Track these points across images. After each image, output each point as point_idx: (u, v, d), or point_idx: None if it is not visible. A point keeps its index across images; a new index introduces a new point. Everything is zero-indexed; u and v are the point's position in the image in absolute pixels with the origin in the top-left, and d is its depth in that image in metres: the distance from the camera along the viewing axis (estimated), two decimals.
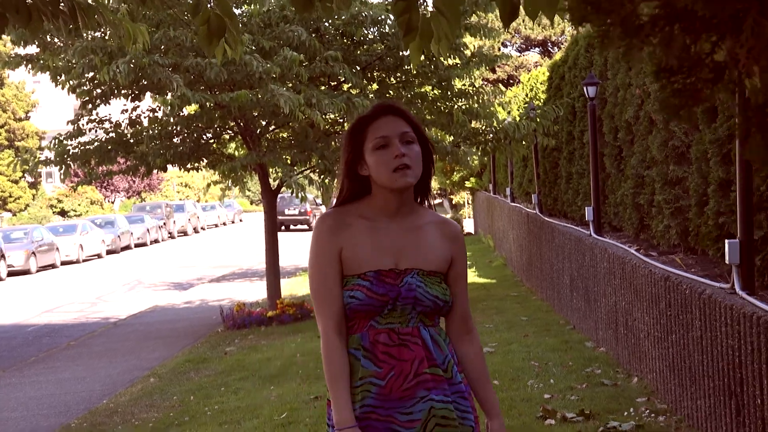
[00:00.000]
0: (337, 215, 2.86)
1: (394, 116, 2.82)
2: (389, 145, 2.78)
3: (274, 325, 13.05)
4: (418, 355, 2.77)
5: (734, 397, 5.24)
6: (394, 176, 2.76)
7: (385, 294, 2.78)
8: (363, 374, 2.77)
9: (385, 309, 2.78)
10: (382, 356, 2.77)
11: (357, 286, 2.79)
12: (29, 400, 9.40)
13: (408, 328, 2.79)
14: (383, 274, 2.80)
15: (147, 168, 12.99)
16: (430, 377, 2.76)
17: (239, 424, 7.17)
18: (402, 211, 2.85)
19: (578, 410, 6.44)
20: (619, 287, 8.18)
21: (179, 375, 9.90)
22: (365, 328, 2.79)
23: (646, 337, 7.25)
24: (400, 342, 2.78)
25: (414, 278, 2.81)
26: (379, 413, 2.75)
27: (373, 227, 2.84)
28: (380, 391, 2.75)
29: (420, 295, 2.79)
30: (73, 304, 19.76)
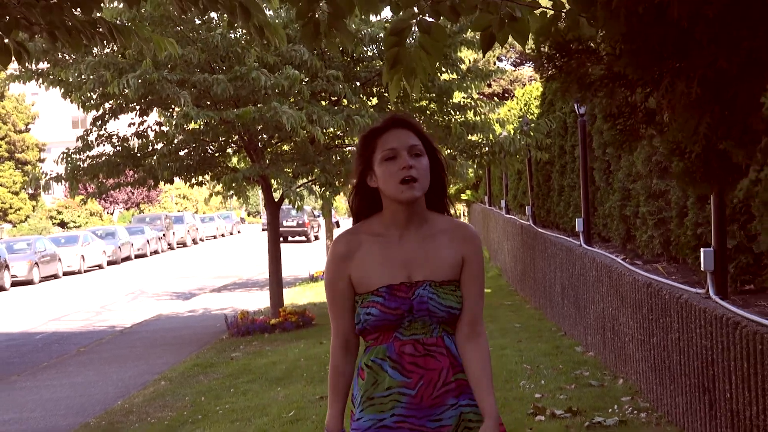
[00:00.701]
0: (349, 239, 2.95)
1: (403, 129, 2.87)
2: (397, 157, 2.82)
3: (277, 332, 13.53)
4: (444, 365, 2.85)
5: (707, 392, 5.72)
6: (401, 188, 2.81)
7: (398, 308, 2.85)
8: (391, 384, 2.84)
9: (404, 321, 2.86)
10: (409, 366, 2.84)
11: (371, 303, 2.86)
12: (46, 402, 9.86)
13: (432, 338, 2.86)
14: (395, 288, 2.86)
15: (155, 180, 13.47)
16: (455, 385, 2.85)
17: (249, 421, 7.65)
18: (413, 222, 2.90)
19: (566, 408, 6.92)
20: (606, 294, 8.66)
21: (189, 378, 10.37)
22: (390, 339, 2.87)
23: (631, 341, 7.73)
24: (426, 352, 2.85)
25: (426, 290, 2.87)
26: (412, 422, 2.83)
27: (383, 242, 2.90)
28: (411, 401, 2.83)
29: (433, 308, 2.86)
30: (78, 312, 20.21)
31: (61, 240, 34.35)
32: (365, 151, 2.89)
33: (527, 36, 2.77)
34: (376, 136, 2.88)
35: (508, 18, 2.74)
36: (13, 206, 51.24)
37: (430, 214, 2.93)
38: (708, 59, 1.45)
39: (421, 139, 2.87)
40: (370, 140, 2.89)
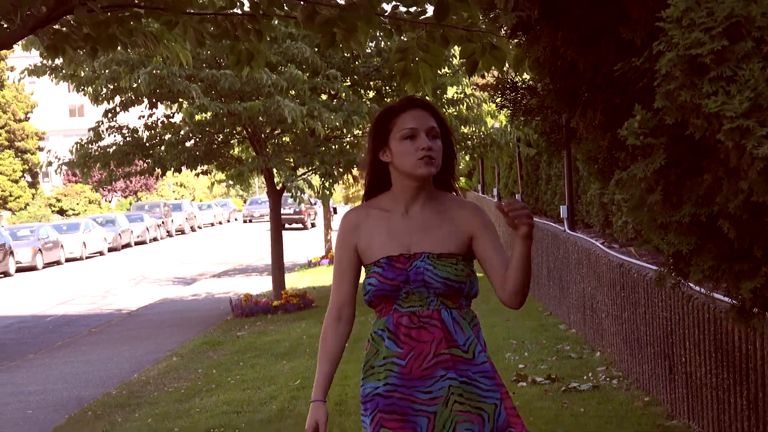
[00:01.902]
0: (358, 211, 3.09)
1: (423, 110, 2.95)
2: (417, 137, 2.91)
3: (279, 313, 14.29)
4: (436, 337, 2.90)
5: (668, 358, 6.48)
6: (419, 163, 2.91)
7: (395, 278, 2.93)
8: (387, 354, 2.93)
9: (401, 293, 2.94)
10: (403, 338, 2.92)
11: (372, 274, 2.97)
12: (66, 376, 10.59)
13: (428, 311, 2.92)
14: (393, 259, 2.95)
15: (162, 170, 14.19)
16: (448, 357, 2.89)
17: (259, 389, 8.40)
18: (420, 198, 3.00)
19: (546, 375, 7.68)
20: (586, 275, 9.42)
21: (199, 354, 11.12)
22: (391, 311, 2.96)
23: (607, 317, 8.49)
24: (420, 324, 2.92)
25: (423, 262, 2.93)
26: (402, 392, 2.90)
27: (389, 217, 3.02)
28: (402, 371, 2.91)
29: (429, 278, 2.92)
30: (85, 297, 20.93)
31: (63, 227, 35.01)
32: (382, 127, 2.97)
33: (504, 63, 3.49)
34: (395, 114, 2.96)
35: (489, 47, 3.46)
36: (12, 194, 51.86)
37: (438, 193, 3.04)
38: (606, 97, 2.17)
39: (437, 122, 2.97)
40: (389, 118, 2.97)
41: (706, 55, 1.64)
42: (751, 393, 4.87)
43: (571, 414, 6.49)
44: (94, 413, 8.16)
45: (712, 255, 1.93)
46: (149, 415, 7.76)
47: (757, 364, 4.75)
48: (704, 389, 5.69)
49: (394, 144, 2.94)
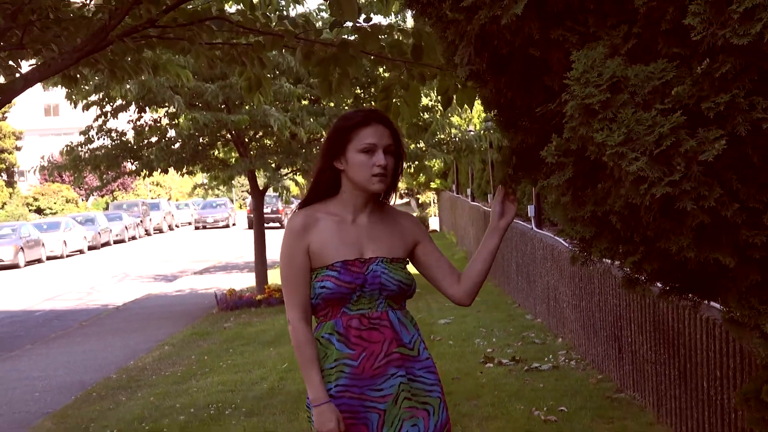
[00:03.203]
0: (307, 214, 3.08)
1: (383, 127, 3.04)
2: (374, 153, 3.00)
3: (262, 306, 15.06)
4: (387, 337, 3.00)
5: (617, 340, 7.30)
6: (372, 180, 3.01)
7: (352, 282, 2.99)
8: (337, 356, 2.98)
9: (353, 296, 3.00)
10: (354, 339, 2.98)
11: (326, 277, 3.00)
12: (65, 363, 11.30)
13: (377, 312, 3.02)
14: (349, 263, 3.01)
15: (150, 171, 14.91)
16: (398, 356, 3.00)
17: (250, 371, 9.17)
18: (367, 207, 3.11)
19: (511, 357, 8.50)
20: (550, 269, 10.24)
21: (189, 343, 11.86)
22: (338, 315, 3.01)
23: (567, 306, 9.31)
24: (370, 326, 3.00)
25: (379, 266, 3.04)
26: (353, 392, 2.97)
27: (339, 222, 3.08)
28: (354, 371, 2.97)
29: (385, 281, 3.02)
30: (70, 293, 21.55)
31: (43, 226, 35.50)
32: (342, 136, 3.03)
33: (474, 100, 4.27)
34: (357, 127, 3.01)
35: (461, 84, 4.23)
36: None
37: (380, 203, 3.18)
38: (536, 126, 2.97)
39: (393, 139, 3.06)
40: (350, 129, 3.02)
41: (596, 104, 2.43)
42: (682, 364, 5.69)
43: (532, 389, 7.31)
44: (98, 394, 8.89)
45: (607, 240, 2.73)
46: (151, 394, 8.50)
47: (686, 339, 5.57)
48: (646, 364, 6.52)
49: (351, 155, 3.02)
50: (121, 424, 7.26)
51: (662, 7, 2.43)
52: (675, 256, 2.58)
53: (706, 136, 2.34)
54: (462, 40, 2.84)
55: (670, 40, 2.45)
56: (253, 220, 44.49)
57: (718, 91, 2.34)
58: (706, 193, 2.38)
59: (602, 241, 2.74)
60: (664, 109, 2.38)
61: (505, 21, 2.59)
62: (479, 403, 6.98)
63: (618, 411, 6.57)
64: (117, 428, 7.12)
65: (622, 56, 2.50)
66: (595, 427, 6.20)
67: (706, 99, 2.35)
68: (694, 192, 2.38)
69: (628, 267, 2.75)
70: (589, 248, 2.82)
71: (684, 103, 2.37)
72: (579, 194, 2.69)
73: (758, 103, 2.32)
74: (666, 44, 2.46)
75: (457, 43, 2.86)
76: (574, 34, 2.64)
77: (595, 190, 2.64)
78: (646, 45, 2.52)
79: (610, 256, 2.78)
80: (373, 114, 3.07)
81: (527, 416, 6.53)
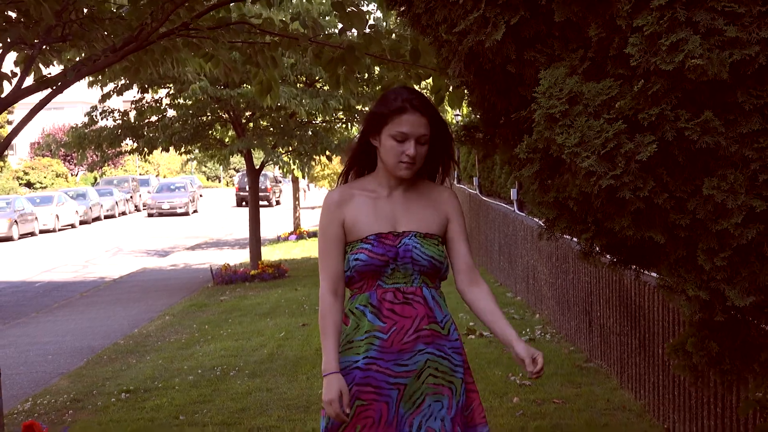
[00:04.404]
0: (343, 190, 3.19)
1: (421, 116, 3.09)
2: (405, 141, 3.06)
3: (256, 281, 15.74)
4: (419, 313, 3.05)
5: (588, 314, 8.02)
6: (399, 166, 3.09)
7: (384, 254, 3.04)
8: (369, 328, 3.04)
9: (387, 269, 3.06)
10: (387, 312, 3.03)
11: (360, 250, 3.06)
12: (72, 330, 11.95)
13: (412, 287, 3.06)
14: (383, 236, 3.07)
15: (151, 149, 15.53)
16: (429, 333, 3.05)
17: (249, 339, 9.85)
18: (402, 183, 3.17)
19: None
20: (530, 249, 10.95)
21: (189, 314, 12.53)
22: (374, 287, 3.06)
23: (545, 284, 10.02)
24: (404, 300, 3.04)
25: (411, 240, 3.08)
26: (380, 365, 3.02)
27: (374, 198, 3.15)
28: (383, 344, 3.02)
29: (417, 255, 3.06)
30: (66, 265, 22.17)
31: (36, 200, 36.02)
32: (379, 118, 3.10)
33: (462, 100, 4.93)
34: (394, 113, 3.07)
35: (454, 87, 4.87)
36: None
37: (419, 179, 3.23)
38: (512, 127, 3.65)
39: (431, 126, 3.12)
40: (387, 113, 3.08)
41: (557, 113, 3.10)
42: (642, 335, 6.40)
43: (509, 358, 8.01)
44: (108, 357, 9.56)
45: (566, 220, 3.41)
46: (159, 358, 9.17)
47: (646, 312, 6.28)
48: (611, 336, 7.24)
49: (384, 137, 3.08)
50: (135, 382, 7.94)
51: (610, 38, 3.10)
52: (618, 234, 3.27)
53: (641, 140, 3.02)
54: (454, 57, 3.51)
55: (615, 63, 3.12)
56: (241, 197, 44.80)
57: (651, 105, 3.01)
58: (642, 185, 3.05)
59: (562, 221, 3.42)
60: (610, 118, 3.05)
61: (488, 44, 3.26)
62: None
63: (586, 378, 7.28)
64: (132, 386, 7.79)
65: (578, 75, 3.17)
66: (565, 391, 6.90)
67: (642, 111, 3.02)
68: (632, 184, 3.05)
69: (582, 242, 3.44)
70: (552, 227, 3.49)
71: (625, 113, 3.04)
72: (544, 183, 3.37)
73: (682, 114, 3.00)
74: (613, 66, 3.13)
75: (450, 58, 3.53)
76: (542, 56, 3.31)
77: (556, 181, 3.32)
78: (597, 67, 3.19)
79: (569, 233, 3.47)
80: (413, 102, 3.09)
81: (504, 380, 7.24)
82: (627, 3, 3.00)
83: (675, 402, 5.67)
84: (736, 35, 2.94)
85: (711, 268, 3.18)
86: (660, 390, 6.00)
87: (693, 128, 2.97)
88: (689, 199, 3.11)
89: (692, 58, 2.90)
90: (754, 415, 4.37)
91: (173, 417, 6.60)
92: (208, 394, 7.29)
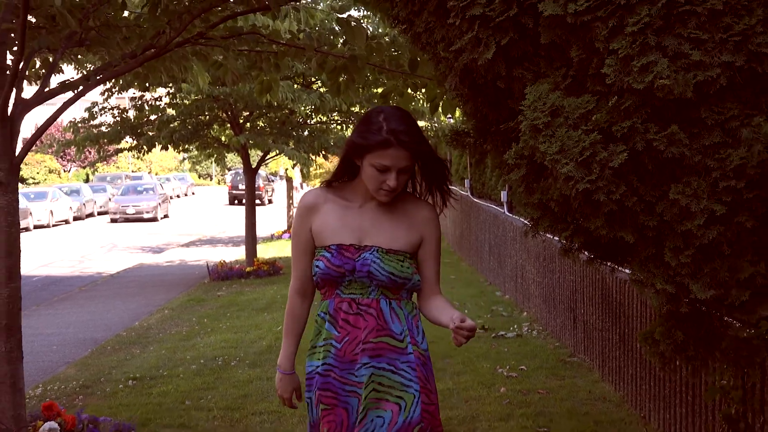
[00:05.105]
0: (318, 194, 3.21)
1: (404, 150, 3.05)
2: (386, 173, 3.05)
3: (251, 278, 16.11)
4: (370, 325, 3.05)
5: (572, 311, 8.42)
6: (379, 192, 3.10)
7: (341, 266, 3.06)
8: (326, 336, 3.09)
9: (344, 279, 3.07)
10: (341, 322, 3.07)
11: (321, 257, 3.10)
12: (75, 322, 12.31)
13: (368, 299, 3.07)
14: (344, 248, 3.08)
15: (150, 147, 15.89)
16: (375, 345, 3.04)
17: (248, 332, 10.24)
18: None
19: (480, 326, 9.60)
20: (518, 250, 11.35)
21: (187, 308, 12.90)
22: (333, 296, 3.10)
23: (532, 283, 10.43)
24: (357, 311, 3.07)
25: (372, 255, 3.07)
26: (336, 372, 3.07)
27: (346, 207, 3.16)
28: (337, 353, 3.07)
29: (375, 270, 3.05)
30: (63, 261, 22.49)
31: (31, 195, 36.29)
32: (363, 144, 3.06)
33: (456, 109, 5.32)
34: (378, 147, 3.03)
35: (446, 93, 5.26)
36: None
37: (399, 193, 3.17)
38: (502, 135, 4.04)
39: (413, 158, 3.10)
40: (371, 143, 3.04)
41: (540, 124, 3.50)
42: (622, 330, 6.81)
43: (497, 352, 8.42)
44: (112, 348, 9.93)
45: (548, 220, 3.81)
46: (161, 348, 9.56)
47: (626, 308, 6.68)
48: (594, 332, 7.64)
49: (366, 164, 3.07)
50: (140, 371, 8.32)
51: (589, 59, 3.49)
52: (594, 233, 3.67)
53: (614, 149, 3.41)
54: (451, 72, 3.90)
55: (593, 81, 3.51)
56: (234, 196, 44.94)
57: (624, 118, 3.40)
58: (614, 189, 3.44)
59: (545, 220, 3.82)
60: (587, 129, 3.44)
61: (481, 62, 3.65)
62: (452, 361, 8.08)
63: (570, 371, 7.68)
64: (138, 373, 8.17)
65: (560, 91, 3.56)
66: (549, 383, 7.30)
67: (615, 124, 3.41)
68: (605, 188, 3.44)
69: (563, 240, 3.84)
70: (536, 225, 3.89)
71: (600, 126, 3.43)
72: (530, 186, 3.77)
73: (651, 128, 3.39)
74: (591, 84, 3.52)
75: (447, 73, 3.93)
76: (529, 73, 3.70)
77: (540, 184, 3.72)
78: (577, 84, 3.58)
79: (551, 231, 3.87)
80: (400, 135, 3.05)
81: (492, 372, 7.64)
82: (604, 28, 3.38)
83: (651, 392, 6.07)
84: (700, 59, 3.32)
85: (677, 264, 3.56)
86: (637, 381, 6.41)
87: (660, 140, 3.35)
88: (657, 203, 3.50)
89: (660, 79, 3.27)
90: (720, 400, 4.77)
91: (179, 402, 6.99)
92: (211, 381, 7.67)
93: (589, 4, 3.39)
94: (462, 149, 4.22)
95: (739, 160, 3.30)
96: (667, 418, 5.72)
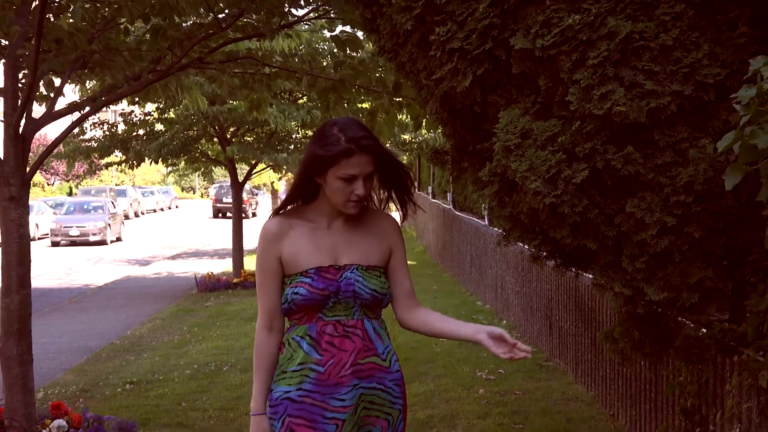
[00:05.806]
0: (280, 221, 3.06)
1: (367, 156, 2.95)
2: (353, 182, 2.95)
3: (239, 289, 16.49)
4: (357, 346, 2.98)
5: (548, 319, 8.86)
6: (348, 205, 3.00)
7: (325, 288, 2.96)
8: (303, 360, 2.96)
9: (328, 302, 2.98)
10: (325, 345, 2.96)
11: (299, 283, 2.97)
12: (68, 332, 12.65)
13: (353, 320, 3.00)
14: (323, 270, 2.99)
15: (139, 161, 16.28)
16: (365, 366, 2.99)
17: (238, 340, 10.63)
18: (343, 214, 3.07)
19: None
20: (499, 261, 11.80)
21: (177, 318, 13.28)
22: (314, 319, 2.98)
23: (512, 292, 10.87)
24: (344, 333, 2.99)
25: (353, 273, 3.01)
26: (314, 398, 2.95)
27: (314, 229, 3.06)
28: (319, 377, 2.95)
29: (359, 289, 3.00)
30: (50, 273, 22.76)
31: None
32: (325, 159, 2.95)
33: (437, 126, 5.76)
34: (341, 157, 2.93)
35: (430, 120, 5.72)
36: None
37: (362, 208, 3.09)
38: (477, 154, 4.48)
39: (376, 163, 3.02)
40: (334, 156, 2.94)
41: (512, 145, 3.94)
42: (593, 334, 7.25)
43: (477, 357, 8.85)
44: (107, 355, 10.30)
45: (519, 230, 4.25)
46: (155, 355, 9.94)
47: (597, 314, 7.13)
48: (568, 337, 8.09)
49: (330, 177, 2.96)
50: (137, 375, 8.71)
51: (555, 87, 3.94)
52: (560, 242, 4.11)
53: (577, 168, 3.85)
54: (431, 98, 4.34)
55: (559, 107, 3.96)
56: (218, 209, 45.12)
57: (586, 140, 3.84)
58: (577, 203, 3.88)
59: (516, 231, 4.26)
60: (553, 150, 3.88)
61: (459, 89, 4.09)
62: (434, 365, 8.51)
63: (545, 374, 8.12)
64: (135, 378, 8.56)
65: (530, 115, 4.00)
66: (525, 385, 7.74)
67: (578, 145, 3.85)
68: (569, 202, 3.88)
69: (532, 248, 4.28)
70: (508, 236, 4.33)
71: (565, 147, 3.87)
72: (502, 201, 4.21)
73: (609, 149, 3.83)
74: (557, 110, 3.97)
75: (428, 99, 4.37)
76: (502, 99, 4.15)
77: (512, 199, 4.16)
78: (545, 109, 4.02)
79: (522, 241, 4.31)
80: (361, 140, 2.96)
81: (472, 375, 8.07)
82: (568, 61, 3.83)
83: (619, 391, 6.52)
84: (653, 88, 3.77)
85: (633, 270, 4.00)
86: (607, 382, 6.85)
87: (618, 159, 3.79)
88: (616, 215, 3.94)
89: (618, 106, 3.72)
90: (679, 395, 5.21)
91: (176, 404, 7.38)
92: (205, 385, 8.08)
93: (555, 39, 3.84)
94: (442, 166, 4.66)
95: (688, 178, 3.76)
96: (633, 414, 6.16)
